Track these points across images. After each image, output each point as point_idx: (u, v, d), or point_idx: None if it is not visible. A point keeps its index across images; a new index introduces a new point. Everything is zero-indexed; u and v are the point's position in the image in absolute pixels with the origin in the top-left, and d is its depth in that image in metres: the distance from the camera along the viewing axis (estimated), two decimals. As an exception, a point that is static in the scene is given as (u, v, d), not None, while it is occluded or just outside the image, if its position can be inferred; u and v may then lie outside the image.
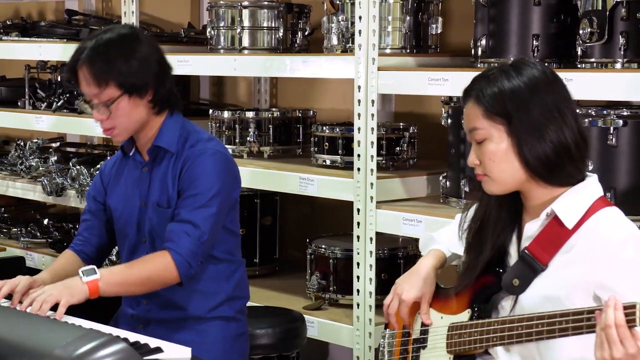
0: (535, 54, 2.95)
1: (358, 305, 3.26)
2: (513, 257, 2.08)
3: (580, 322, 1.80)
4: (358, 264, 3.25)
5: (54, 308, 2.30)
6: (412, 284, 2.23)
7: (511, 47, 3.03)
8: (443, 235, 2.33)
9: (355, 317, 3.27)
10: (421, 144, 3.54)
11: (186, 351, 2.09)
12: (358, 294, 3.25)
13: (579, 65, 2.84)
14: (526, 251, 2.02)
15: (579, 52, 2.85)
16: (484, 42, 3.05)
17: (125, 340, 2.06)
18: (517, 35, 3.01)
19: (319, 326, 3.37)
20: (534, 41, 2.96)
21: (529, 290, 2.01)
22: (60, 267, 2.62)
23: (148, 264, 2.45)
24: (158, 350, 2.06)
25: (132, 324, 2.58)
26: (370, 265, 3.22)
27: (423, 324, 2.24)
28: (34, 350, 1.95)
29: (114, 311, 2.70)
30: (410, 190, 3.32)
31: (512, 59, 2.95)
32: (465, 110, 2.07)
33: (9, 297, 2.41)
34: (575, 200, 2.00)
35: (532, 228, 2.05)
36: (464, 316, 2.12)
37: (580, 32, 2.79)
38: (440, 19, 3.42)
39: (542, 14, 2.96)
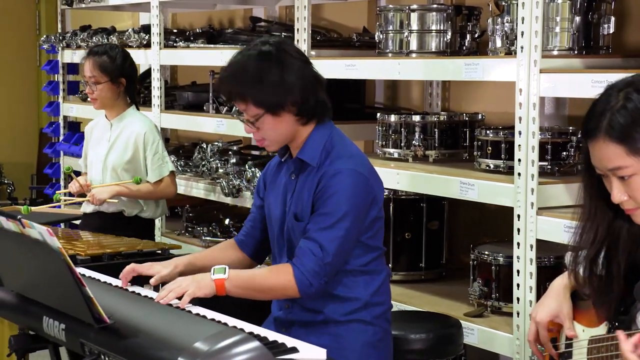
0: None
1: (518, 313, 3.17)
2: None
3: None
4: (518, 271, 3.16)
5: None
6: (544, 305, 2.16)
7: (686, 47, 2.85)
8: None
9: (515, 325, 3.18)
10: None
11: (321, 352, 2.12)
12: (518, 302, 3.17)
13: None
14: None
15: None
16: (655, 41, 2.89)
17: (264, 338, 2.12)
18: (692, 34, 2.83)
19: (479, 334, 3.31)
20: None
21: None
22: (217, 250, 2.81)
23: (272, 275, 2.53)
24: (294, 350, 2.10)
25: (277, 326, 2.65)
26: (531, 273, 3.12)
27: (567, 338, 2.16)
28: (174, 344, 2.04)
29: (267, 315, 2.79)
30: (575, 197, 3.17)
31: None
32: (597, 150, 1.89)
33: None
34: None
35: None
36: (602, 329, 2.03)
37: None
38: (612, 19, 3.27)
39: None
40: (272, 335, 2.19)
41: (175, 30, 5.53)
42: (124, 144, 4.15)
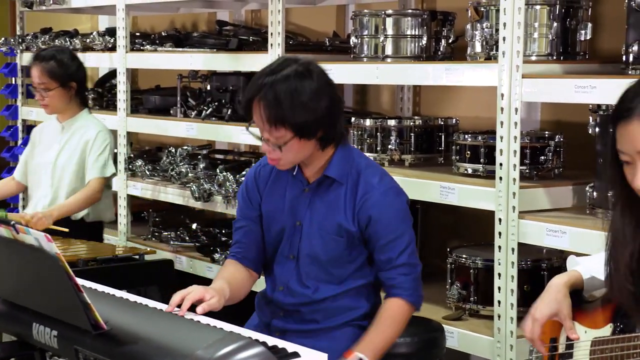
0: (691, 60, 2.82)
1: (499, 316, 3.20)
2: None
3: None
4: (499, 274, 3.19)
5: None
6: (544, 302, 2.16)
7: (665, 54, 2.90)
8: (589, 259, 2.25)
9: (496, 328, 3.21)
10: (567, 153, 3.45)
11: (323, 357, 2.11)
12: (499, 306, 3.20)
13: None
14: None
15: None
16: (636, 48, 2.93)
17: (264, 344, 2.10)
18: (672, 41, 2.88)
19: (459, 337, 3.33)
20: (690, 46, 2.83)
21: None
22: (230, 275, 2.63)
23: (395, 321, 2.58)
24: (295, 355, 2.08)
25: (268, 333, 2.62)
26: (512, 277, 3.16)
27: (568, 339, 2.17)
28: (176, 350, 2.01)
29: (247, 317, 2.76)
30: (554, 201, 3.23)
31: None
32: (629, 130, 1.90)
33: None
34: None
35: None
36: (606, 330, 2.05)
37: None
38: (589, 25, 3.32)
39: (699, 18, 2.83)
40: (270, 340, 2.17)
41: (138, 33, 5.47)
42: (75, 147, 4.16)
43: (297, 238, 2.60)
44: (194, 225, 4.87)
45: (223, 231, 4.72)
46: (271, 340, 2.17)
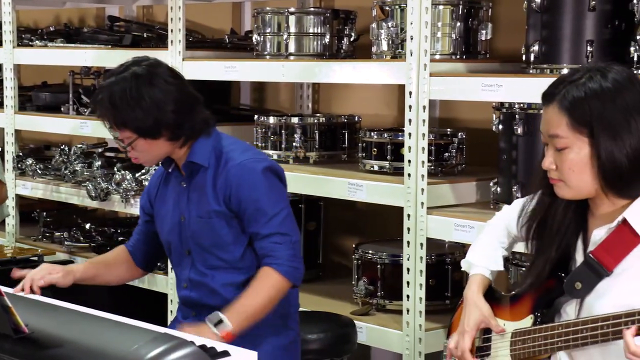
0: (589, 60, 2.94)
1: (408, 310, 3.26)
2: (578, 263, 2.07)
3: None
4: (408, 269, 3.25)
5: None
6: (468, 315, 2.20)
7: (564, 53, 3.02)
8: (478, 254, 2.31)
9: (405, 322, 3.27)
10: (467, 150, 3.54)
11: (252, 355, 2.10)
12: (408, 300, 3.25)
13: (635, 72, 2.83)
14: (591, 255, 2.00)
15: (635, 58, 2.85)
16: (536, 48, 3.04)
17: (192, 343, 2.07)
18: (570, 41, 3.00)
19: (368, 332, 3.38)
20: (588, 47, 2.94)
21: (595, 295, 1.99)
22: (104, 257, 2.82)
23: (262, 289, 2.49)
24: (226, 354, 2.06)
25: None
26: (421, 271, 3.22)
27: (485, 332, 2.23)
28: (104, 352, 1.96)
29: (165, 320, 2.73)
30: (459, 197, 3.31)
31: (567, 64, 2.96)
32: (546, 114, 2.02)
33: None
34: None
35: (599, 234, 2.02)
36: (527, 322, 2.11)
37: (638, 37, 2.79)
38: (490, 25, 3.42)
39: (596, 20, 2.95)
40: (198, 340, 2.14)
41: (22, 28, 5.28)
42: None
43: (186, 232, 2.62)
44: (88, 225, 4.74)
45: (119, 230, 4.62)
46: (199, 340, 2.14)
